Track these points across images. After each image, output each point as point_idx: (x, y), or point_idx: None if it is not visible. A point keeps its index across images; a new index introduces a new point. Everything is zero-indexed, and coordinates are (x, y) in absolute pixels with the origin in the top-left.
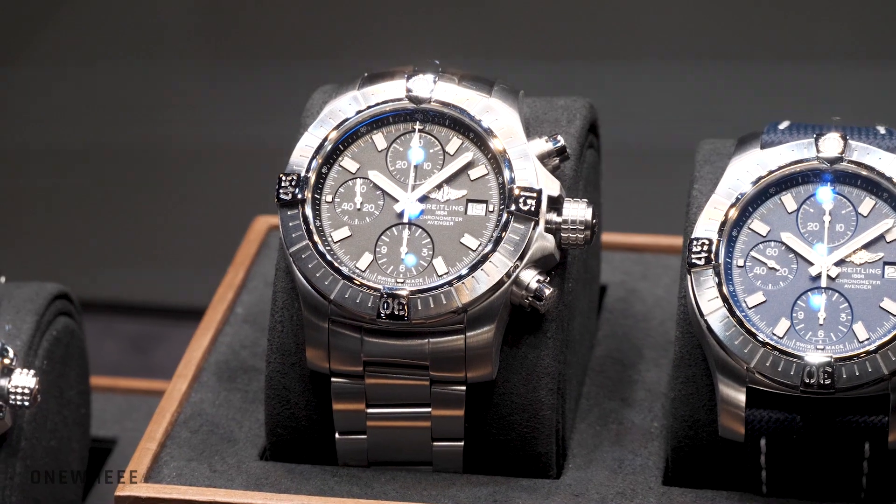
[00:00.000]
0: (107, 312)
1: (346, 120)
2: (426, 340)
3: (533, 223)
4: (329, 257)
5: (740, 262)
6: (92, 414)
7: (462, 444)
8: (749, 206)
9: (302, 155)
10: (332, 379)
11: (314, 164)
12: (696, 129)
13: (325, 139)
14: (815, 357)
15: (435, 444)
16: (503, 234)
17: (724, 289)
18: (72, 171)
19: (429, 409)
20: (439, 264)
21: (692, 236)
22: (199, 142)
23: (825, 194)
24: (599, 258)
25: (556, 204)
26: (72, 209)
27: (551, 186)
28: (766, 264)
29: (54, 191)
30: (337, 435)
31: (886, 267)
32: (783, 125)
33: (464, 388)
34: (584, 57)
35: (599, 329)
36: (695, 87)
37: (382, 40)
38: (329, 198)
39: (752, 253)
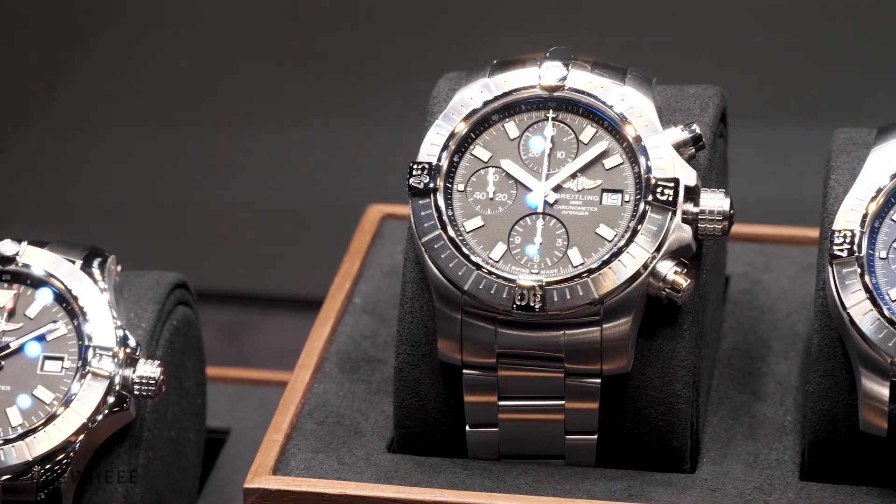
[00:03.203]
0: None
1: (478, 108)
2: (561, 332)
3: (670, 213)
4: (462, 247)
5: (882, 254)
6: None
7: (595, 437)
8: (891, 197)
9: (433, 143)
10: (464, 371)
11: (445, 152)
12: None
13: (456, 127)
14: None
15: (568, 437)
16: (640, 224)
17: (867, 281)
18: (170, 159)
19: (562, 402)
20: (574, 255)
21: (834, 228)
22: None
23: None
24: (725, 249)
25: (692, 194)
26: (167, 197)
27: (688, 176)
28: None
29: (149, 180)
30: (467, 427)
31: None
32: None
33: (599, 380)
34: None
35: (725, 321)
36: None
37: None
38: (461, 187)
39: (895, 245)
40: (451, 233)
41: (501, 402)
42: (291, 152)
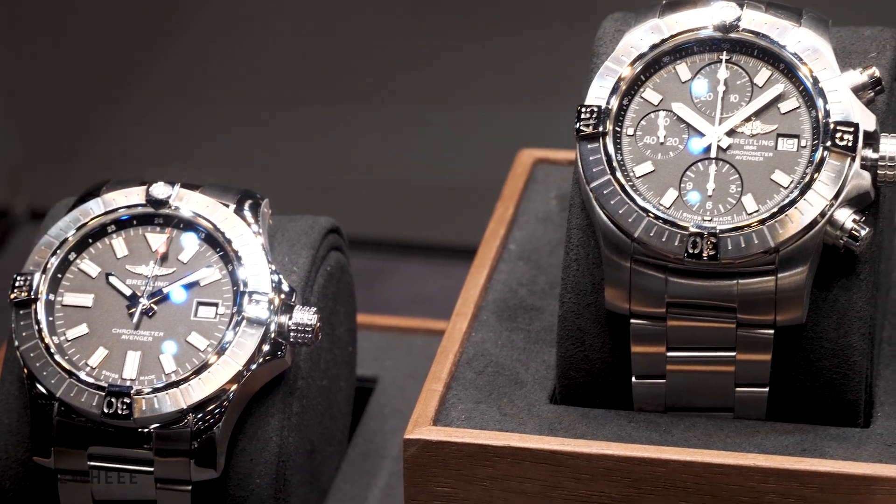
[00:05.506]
0: None
1: (648, 49)
2: (735, 281)
3: (849, 159)
4: (632, 193)
5: None
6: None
7: (767, 390)
8: None
9: (601, 86)
10: (632, 320)
11: (615, 95)
12: None
13: (625, 69)
14: None
15: (738, 389)
16: (818, 170)
17: None
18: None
19: (733, 353)
20: (748, 202)
21: None
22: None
23: None
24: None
25: (871, 139)
26: (306, 141)
27: (867, 121)
28: None
29: (288, 121)
30: (633, 379)
31: None
32: None
33: (772, 331)
34: None
35: (894, 270)
36: None
37: None
38: (630, 131)
39: None
40: (621, 178)
41: (670, 353)
42: (441, 96)
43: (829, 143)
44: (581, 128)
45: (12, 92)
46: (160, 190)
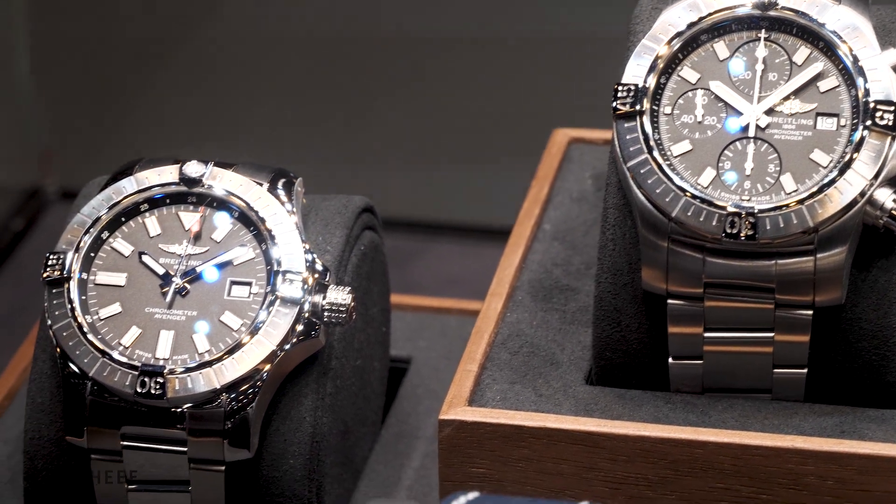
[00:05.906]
0: None
1: (686, 27)
2: (773, 262)
3: (890, 138)
4: (670, 172)
5: None
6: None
7: (805, 371)
8: None
9: (639, 64)
10: (669, 301)
11: (652, 73)
12: None
13: (663, 47)
14: None
15: (776, 370)
16: (857, 149)
17: None
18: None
19: (771, 334)
20: (787, 181)
21: None
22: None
23: None
24: None
25: None
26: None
27: None
28: None
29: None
30: (670, 359)
31: None
32: None
33: (811, 312)
34: None
35: None
36: None
37: None
38: (668, 110)
39: None
40: (658, 157)
41: (707, 334)
42: (471, 73)
43: (869, 123)
44: (618, 106)
45: (43, 71)
46: (193, 168)
